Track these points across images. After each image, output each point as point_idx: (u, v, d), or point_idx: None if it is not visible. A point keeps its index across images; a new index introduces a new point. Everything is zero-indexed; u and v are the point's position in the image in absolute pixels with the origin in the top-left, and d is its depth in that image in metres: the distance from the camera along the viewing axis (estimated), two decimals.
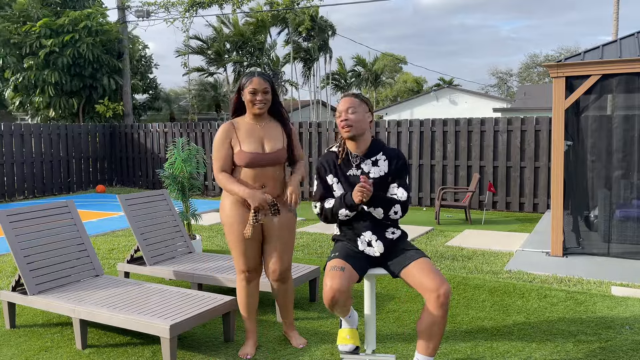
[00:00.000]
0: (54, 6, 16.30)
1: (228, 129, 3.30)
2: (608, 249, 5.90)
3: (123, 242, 7.16)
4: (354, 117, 2.93)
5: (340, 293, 2.76)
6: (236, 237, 3.30)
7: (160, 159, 13.56)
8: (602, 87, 5.71)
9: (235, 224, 3.28)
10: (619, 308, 4.31)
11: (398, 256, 2.94)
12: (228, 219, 3.31)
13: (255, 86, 3.21)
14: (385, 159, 3.00)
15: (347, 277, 2.81)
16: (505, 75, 53.68)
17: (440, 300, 2.71)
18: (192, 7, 17.31)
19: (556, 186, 5.89)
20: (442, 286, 2.72)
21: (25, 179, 12.27)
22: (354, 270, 2.88)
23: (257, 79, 3.23)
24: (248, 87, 3.22)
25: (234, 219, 3.29)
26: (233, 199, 3.30)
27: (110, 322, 3.45)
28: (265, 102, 3.25)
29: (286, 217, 3.38)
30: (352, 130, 2.93)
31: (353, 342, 3.11)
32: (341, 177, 3.02)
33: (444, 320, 2.76)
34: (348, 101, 2.97)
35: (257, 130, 3.30)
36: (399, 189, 2.96)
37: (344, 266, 2.85)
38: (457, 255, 6.24)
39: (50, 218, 4.17)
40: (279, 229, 3.35)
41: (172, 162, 6.14)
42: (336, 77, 31.56)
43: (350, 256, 2.94)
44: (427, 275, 2.76)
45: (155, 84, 20.18)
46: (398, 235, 3.03)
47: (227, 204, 3.33)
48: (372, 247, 2.98)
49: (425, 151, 10.41)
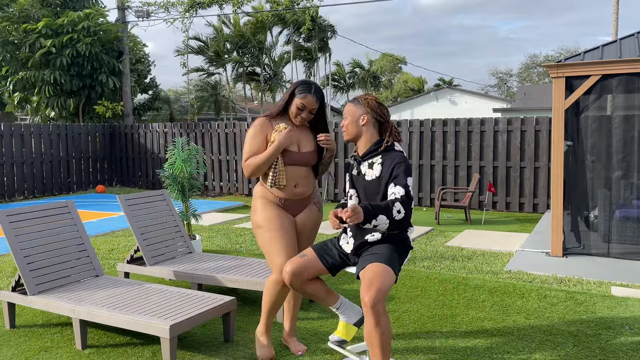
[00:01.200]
0: (54, 6, 16.30)
1: (265, 123, 3.32)
2: (608, 249, 5.90)
3: (123, 242, 7.16)
4: (345, 123, 3.11)
5: (291, 275, 2.97)
6: (272, 232, 3.26)
7: (160, 159, 13.56)
8: (602, 87, 5.72)
9: (273, 219, 3.28)
10: (619, 308, 4.31)
11: (363, 258, 2.94)
12: (265, 217, 3.29)
13: (307, 104, 3.28)
14: (380, 162, 2.99)
15: (303, 264, 3.00)
16: (505, 75, 53.69)
17: (366, 307, 2.65)
18: (192, 7, 17.31)
19: (556, 186, 5.89)
20: (368, 292, 2.64)
21: (25, 179, 12.27)
22: (320, 261, 3.05)
23: (312, 99, 3.27)
24: (300, 100, 3.27)
25: (271, 214, 3.29)
26: (265, 200, 3.34)
27: (110, 322, 3.45)
28: (307, 120, 3.35)
29: (315, 216, 3.47)
30: (345, 136, 3.12)
31: (341, 335, 3.20)
32: (349, 175, 3.20)
33: (377, 329, 2.64)
34: (345, 108, 3.13)
35: (293, 130, 3.33)
36: (395, 187, 2.88)
37: (307, 254, 3.06)
38: (457, 255, 6.24)
39: (50, 218, 4.16)
40: (310, 230, 3.44)
41: (172, 162, 6.14)
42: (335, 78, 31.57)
43: (325, 249, 3.11)
44: (364, 280, 2.74)
45: (155, 83, 20.17)
46: (377, 238, 2.95)
47: (260, 204, 3.35)
48: (348, 243, 3.09)
49: (425, 151, 10.42)
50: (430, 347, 3.62)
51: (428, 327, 3.97)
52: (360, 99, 3.08)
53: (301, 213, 3.43)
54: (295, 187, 3.34)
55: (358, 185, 3.08)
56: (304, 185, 3.38)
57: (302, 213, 3.43)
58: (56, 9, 16.17)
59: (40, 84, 15.16)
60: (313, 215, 3.46)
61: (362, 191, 3.05)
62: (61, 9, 16.06)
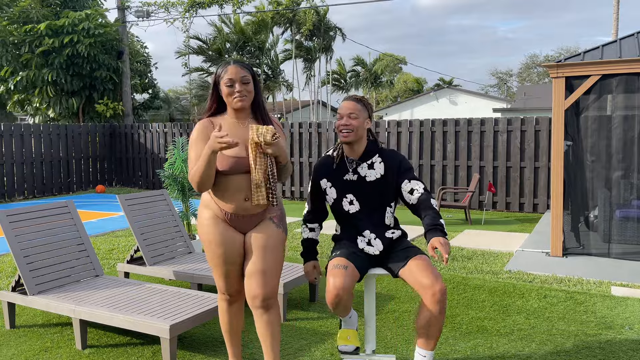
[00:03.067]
0: (54, 6, 16.30)
1: (206, 126, 2.80)
2: (608, 249, 5.90)
3: (123, 242, 7.16)
4: (355, 123, 2.91)
5: (344, 291, 2.76)
6: (214, 257, 2.82)
7: (160, 159, 13.56)
8: (601, 87, 5.71)
9: (213, 243, 2.80)
10: (619, 308, 4.31)
11: (397, 255, 2.94)
12: (206, 237, 2.82)
13: (232, 75, 2.73)
14: (381, 161, 2.98)
15: (350, 276, 2.81)
16: (505, 75, 53.71)
17: (435, 297, 2.71)
18: (191, 7, 17.31)
19: (556, 186, 5.89)
20: (437, 283, 2.71)
21: (25, 179, 12.27)
22: (356, 269, 2.89)
23: (234, 67, 2.74)
24: (224, 77, 2.75)
25: (212, 236, 2.79)
26: (211, 212, 2.82)
27: (110, 322, 3.45)
28: (245, 94, 2.75)
29: (270, 233, 2.83)
30: (350, 136, 2.92)
31: (353, 342, 3.12)
32: (336, 182, 3.03)
33: (441, 317, 2.76)
34: (351, 106, 2.94)
35: (239, 129, 2.80)
36: (410, 182, 2.95)
37: (347, 265, 2.84)
38: (457, 255, 6.24)
39: (50, 218, 4.16)
40: (263, 247, 2.79)
41: (172, 162, 6.14)
42: (336, 77, 31.57)
43: (352, 255, 2.95)
44: (422, 273, 2.76)
45: (153, 82, 20.16)
46: (398, 234, 3.04)
47: (204, 217, 2.84)
48: (372, 245, 2.99)
49: (425, 151, 10.41)
50: None
51: None
52: (364, 101, 3.01)
53: (253, 231, 2.82)
54: (246, 201, 2.75)
55: (356, 190, 2.97)
56: None
57: (254, 231, 2.82)
58: (56, 8, 16.17)
59: (41, 84, 15.16)
60: (268, 232, 2.82)
61: (364, 195, 2.97)
62: (61, 9, 16.06)
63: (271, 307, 2.82)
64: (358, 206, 3.00)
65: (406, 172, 2.98)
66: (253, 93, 2.81)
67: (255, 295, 2.77)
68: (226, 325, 3.01)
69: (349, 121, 2.91)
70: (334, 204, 3.07)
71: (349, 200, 3.01)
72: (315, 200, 3.12)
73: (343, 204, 3.03)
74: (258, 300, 2.77)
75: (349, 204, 3.01)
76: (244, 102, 2.75)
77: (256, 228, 2.82)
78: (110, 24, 15.93)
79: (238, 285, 2.92)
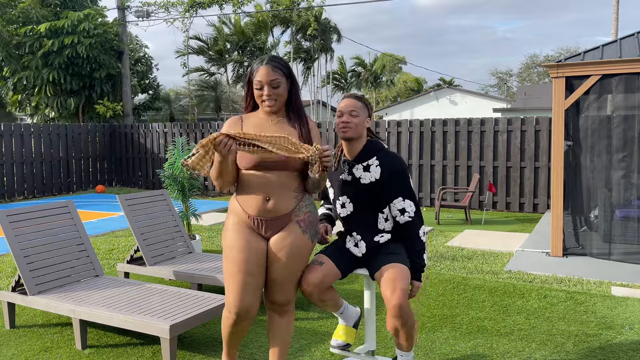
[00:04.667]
0: (54, 7, 16.30)
1: (234, 122, 2.73)
2: (608, 249, 5.90)
3: (123, 242, 7.16)
4: (356, 120, 2.87)
5: (313, 287, 2.78)
6: (234, 264, 2.63)
7: (160, 159, 13.56)
8: (602, 87, 5.71)
9: (236, 248, 2.63)
10: (619, 308, 4.31)
11: (377, 259, 2.93)
12: (229, 242, 2.67)
13: (261, 78, 2.58)
14: (377, 164, 2.91)
15: (324, 272, 2.83)
16: (505, 75, 53.71)
17: (391, 312, 2.69)
18: (191, 7, 17.30)
19: (556, 186, 5.89)
20: (393, 298, 2.67)
21: (25, 179, 12.27)
22: (336, 267, 2.91)
23: (265, 69, 2.58)
24: (255, 78, 2.62)
25: (236, 241, 2.64)
26: (236, 218, 2.69)
27: (110, 322, 3.44)
28: (275, 98, 2.62)
29: (294, 240, 2.66)
30: (350, 132, 2.88)
31: (344, 338, 3.15)
32: (334, 181, 3.03)
33: (404, 328, 2.73)
34: (352, 103, 2.90)
35: (267, 125, 2.68)
36: (404, 201, 2.89)
37: (324, 261, 2.89)
38: (457, 255, 6.24)
39: (50, 218, 4.16)
40: (288, 256, 2.65)
41: (172, 162, 6.14)
42: (336, 77, 31.57)
43: (336, 253, 2.98)
44: (386, 283, 2.74)
45: (156, 84, 20.16)
46: (387, 239, 2.98)
47: (229, 223, 2.72)
48: (357, 247, 3.00)
49: (425, 151, 10.41)
50: (430, 347, 3.61)
51: (428, 327, 3.97)
52: (364, 100, 2.99)
53: (276, 235, 2.67)
54: (267, 201, 2.61)
55: (350, 190, 2.94)
56: (278, 198, 2.62)
57: (277, 235, 2.67)
58: (56, 8, 16.17)
59: (40, 84, 15.16)
60: (291, 238, 2.65)
61: (356, 197, 2.94)
62: (61, 9, 16.06)
63: (285, 313, 2.79)
64: (351, 208, 2.98)
65: (401, 184, 2.89)
66: (285, 95, 2.66)
67: (273, 300, 2.76)
68: (227, 337, 2.80)
69: (349, 118, 2.87)
70: (333, 203, 3.12)
71: (342, 203, 3.00)
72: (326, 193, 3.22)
73: (337, 205, 3.04)
74: (276, 305, 2.77)
75: (341, 207, 3.02)
76: (272, 107, 2.64)
77: (280, 232, 2.67)
78: (109, 24, 15.93)
79: (250, 305, 2.64)
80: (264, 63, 2.61)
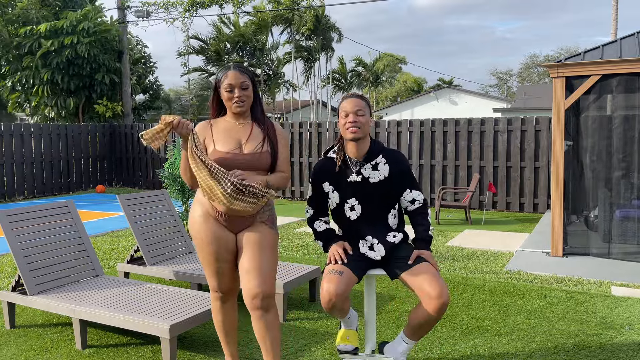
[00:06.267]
0: (53, 7, 16.30)
1: (203, 127, 2.89)
2: (608, 249, 5.90)
3: (123, 242, 7.16)
4: (363, 120, 2.87)
5: (337, 297, 2.77)
6: (206, 255, 2.85)
7: (160, 159, 13.56)
8: (602, 87, 5.71)
9: (204, 241, 2.82)
10: (619, 308, 4.31)
11: (400, 259, 2.93)
12: (197, 234, 2.84)
13: (232, 81, 2.79)
14: (385, 162, 2.94)
15: (345, 281, 2.81)
16: (505, 75, 53.72)
17: (442, 309, 2.76)
18: (191, 7, 17.31)
19: (556, 186, 5.89)
20: (444, 295, 2.74)
21: (25, 179, 12.27)
22: (353, 273, 2.88)
23: (234, 73, 2.80)
24: (224, 82, 2.81)
25: (204, 234, 2.82)
26: (203, 209, 2.83)
27: (110, 322, 3.44)
28: (244, 99, 2.82)
29: (266, 234, 2.84)
30: (359, 133, 2.86)
31: (352, 342, 3.11)
32: (339, 184, 2.97)
33: (437, 321, 2.84)
34: (357, 103, 2.89)
35: (235, 129, 2.85)
36: (412, 192, 3.02)
37: (342, 270, 2.84)
38: (457, 255, 6.24)
39: (50, 218, 4.16)
40: (258, 245, 2.79)
41: (172, 162, 6.14)
42: (336, 77, 31.57)
43: (350, 259, 2.93)
44: (429, 282, 2.77)
45: (156, 84, 20.15)
46: (400, 238, 3.02)
47: (196, 214, 2.86)
48: (374, 250, 2.96)
49: (425, 151, 10.41)
50: (430, 347, 3.61)
51: None
52: (367, 100, 2.99)
53: (245, 230, 2.85)
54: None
55: (359, 191, 2.93)
56: None
57: (245, 230, 2.84)
58: (56, 8, 16.17)
59: (40, 84, 15.16)
60: (262, 232, 2.83)
61: (366, 197, 2.93)
62: (60, 9, 16.06)
63: (271, 307, 2.77)
64: (360, 211, 2.96)
65: (409, 178, 3.01)
66: (252, 97, 2.88)
67: (255, 294, 2.71)
68: (220, 324, 3.03)
69: (357, 118, 2.86)
70: (336, 209, 3.03)
71: (350, 206, 2.97)
72: (320, 202, 3.07)
73: (345, 209, 2.99)
74: (258, 300, 2.72)
75: (350, 210, 2.97)
76: (243, 107, 2.83)
77: (249, 228, 2.84)
78: (108, 24, 15.92)
79: (230, 283, 2.94)
80: (232, 69, 2.84)
